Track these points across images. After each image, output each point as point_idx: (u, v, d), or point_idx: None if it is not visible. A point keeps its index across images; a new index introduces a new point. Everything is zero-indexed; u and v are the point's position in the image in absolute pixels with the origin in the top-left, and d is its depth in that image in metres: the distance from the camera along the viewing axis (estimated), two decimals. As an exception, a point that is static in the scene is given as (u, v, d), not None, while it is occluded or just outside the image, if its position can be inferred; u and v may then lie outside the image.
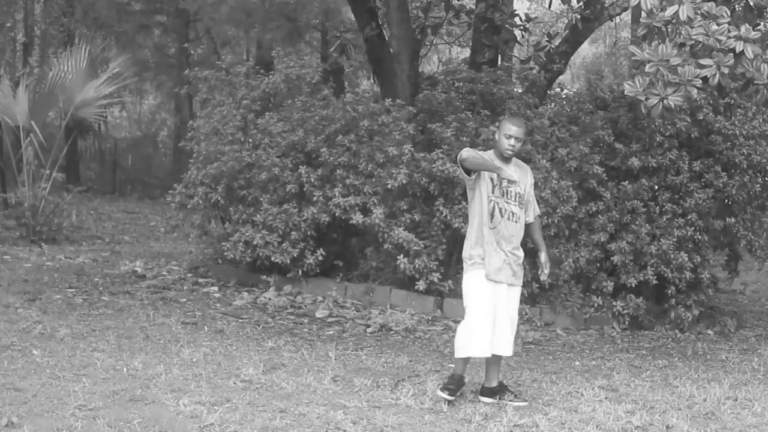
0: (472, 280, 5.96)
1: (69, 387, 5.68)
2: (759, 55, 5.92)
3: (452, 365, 7.07)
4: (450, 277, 8.90)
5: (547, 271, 6.19)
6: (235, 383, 6.06)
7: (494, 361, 6.08)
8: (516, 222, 6.01)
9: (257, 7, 18.37)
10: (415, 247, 8.68)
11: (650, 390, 6.64)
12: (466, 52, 14.70)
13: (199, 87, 10.78)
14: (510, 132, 5.89)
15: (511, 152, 5.93)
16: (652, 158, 9.34)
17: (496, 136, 6.01)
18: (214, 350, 6.96)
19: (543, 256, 6.20)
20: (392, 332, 8.24)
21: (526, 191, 6.09)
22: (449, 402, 5.85)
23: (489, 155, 5.98)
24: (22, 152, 12.78)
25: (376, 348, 7.59)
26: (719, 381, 6.96)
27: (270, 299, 8.96)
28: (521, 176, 6.06)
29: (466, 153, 5.91)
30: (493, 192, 5.96)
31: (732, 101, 9.82)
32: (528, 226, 6.19)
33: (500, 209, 5.94)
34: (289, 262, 9.04)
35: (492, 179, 5.96)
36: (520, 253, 6.07)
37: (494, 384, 6.11)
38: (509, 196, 5.97)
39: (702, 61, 5.87)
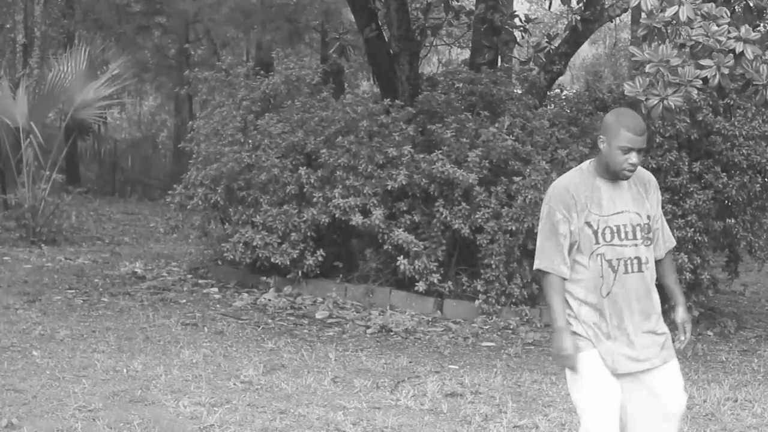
0: (582, 365, 3.81)
1: (69, 388, 5.68)
2: (759, 56, 5.92)
3: (453, 366, 7.09)
4: (450, 278, 8.90)
5: (686, 337, 4.08)
6: (234, 384, 6.06)
7: None
8: (644, 270, 3.86)
9: (257, 8, 18.39)
10: (415, 248, 8.67)
11: (650, 391, 6.62)
12: (466, 53, 14.71)
13: (198, 88, 10.78)
14: (629, 143, 3.74)
15: (630, 174, 3.82)
16: (651, 159, 9.34)
17: (602, 146, 3.82)
18: (214, 351, 6.95)
19: (680, 313, 4.04)
20: (392, 333, 8.23)
21: (652, 215, 3.92)
22: None
23: (587, 168, 3.91)
24: (22, 153, 12.77)
25: (376, 349, 7.59)
26: (719, 382, 6.96)
27: (270, 300, 8.96)
28: (637, 195, 3.90)
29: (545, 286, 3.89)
30: (597, 239, 3.81)
31: (732, 102, 9.82)
32: (656, 265, 3.95)
33: (612, 263, 3.80)
34: (288, 263, 9.04)
35: (588, 221, 3.81)
36: (658, 309, 3.98)
37: None
38: (623, 235, 3.82)
39: (702, 62, 5.87)
